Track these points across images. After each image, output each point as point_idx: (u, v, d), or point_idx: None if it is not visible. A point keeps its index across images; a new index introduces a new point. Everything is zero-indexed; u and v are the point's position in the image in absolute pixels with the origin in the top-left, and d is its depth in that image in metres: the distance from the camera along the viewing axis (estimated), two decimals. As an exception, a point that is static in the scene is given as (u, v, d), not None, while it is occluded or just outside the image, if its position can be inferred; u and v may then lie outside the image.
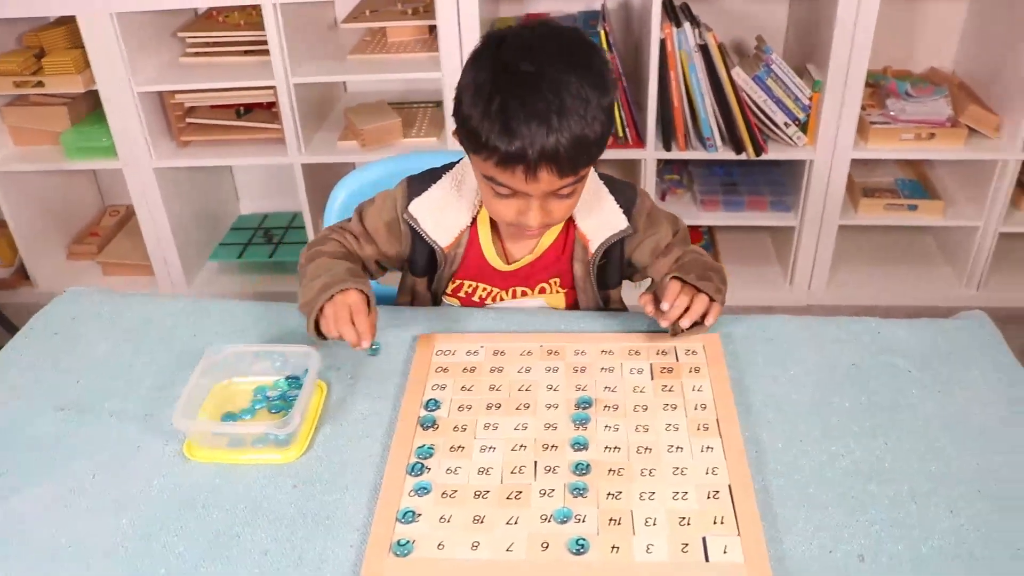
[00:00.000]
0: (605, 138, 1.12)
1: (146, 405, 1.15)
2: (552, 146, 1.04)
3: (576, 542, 0.91)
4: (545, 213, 1.15)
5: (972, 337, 1.22)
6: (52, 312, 1.34)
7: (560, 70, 1.06)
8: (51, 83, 2.48)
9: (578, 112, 1.05)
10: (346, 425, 1.10)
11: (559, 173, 1.08)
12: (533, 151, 1.05)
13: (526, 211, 1.14)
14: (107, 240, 2.93)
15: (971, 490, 0.98)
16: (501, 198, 1.15)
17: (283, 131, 2.47)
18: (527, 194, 1.12)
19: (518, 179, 1.09)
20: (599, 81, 1.08)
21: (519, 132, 1.04)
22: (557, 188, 1.11)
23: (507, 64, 1.07)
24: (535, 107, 1.04)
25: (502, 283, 1.34)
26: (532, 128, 1.04)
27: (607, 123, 1.11)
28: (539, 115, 1.04)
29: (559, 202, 1.15)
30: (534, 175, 1.07)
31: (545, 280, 1.34)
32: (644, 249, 1.32)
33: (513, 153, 1.05)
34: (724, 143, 2.39)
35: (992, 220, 2.45)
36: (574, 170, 1.10)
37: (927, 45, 2.64)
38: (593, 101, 1.07)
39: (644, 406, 1.09)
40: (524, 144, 1.04)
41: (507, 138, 1.05)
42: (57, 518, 0.99)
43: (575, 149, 1.06)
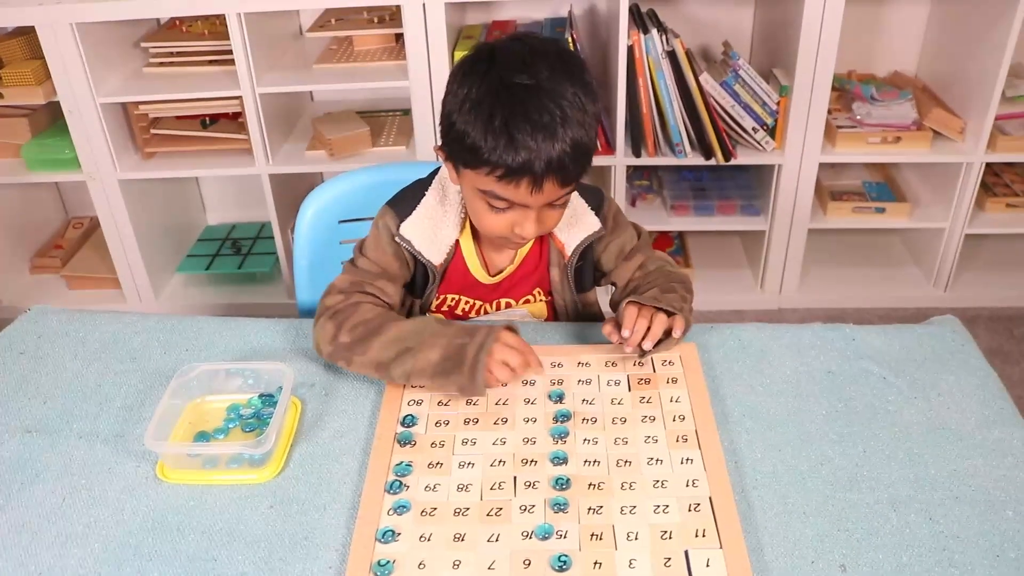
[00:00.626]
0: (596, 144, 1.14)
1: (116, 426, 1.12)
2: (558, 156, 1.05)
3: (558, 559, 0.90)
4: (540, 224, 1.15)
5: (945, 342, 1.23)
6: (17, 331, 1.32)
7: (556, 81, 1.06)
8: (10, 94, 2.43)
9: (577, 120, 1.07)
10: (322, 443, 1.09)
11: (562, 182, 1.09)
12: (540, 163, 1.05)
13: (522, 222, 1.14)
14: (71, 253, 2.88)
15: (949, 496, 0.99)
16: (496, 212, 1.14)
17: (250, 141, 2.45)
18: (525, 206, 1.12)
19: (522, 192, 1.09)
20: (590, 90, 1.10)
21: (525, 145, 1.04)
22: (557, 198, 1.12)
23: (503, 78, 1.06)
24: (539, 120, 1.04)
25: (486, 295, 1.33)
26: (538, 141, 1.04)
27: (597, 130, 1.13)
28: (544, 127, 1.04)
29: (553, 211, 1.16)
30: (539, 187, 1.08)
31: (529, 291, 1.34)
32: (610, 252, 1.33)
33: (520, 166, 1.06)
34: (693, 149, 2.39)
35: (958, 222, 2.47)
36: (577, 178, 1.12)
37: (890, 49, 2.67)
38: (589, 109, 1.08)
39: (623, 418, 1.09)
40: (532, 156, 1.05)
41: (513, 152, 1.05)
42: (25, 546, 0.96)
43: (578, 157, 1.08)
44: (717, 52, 2.58)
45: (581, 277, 1.34)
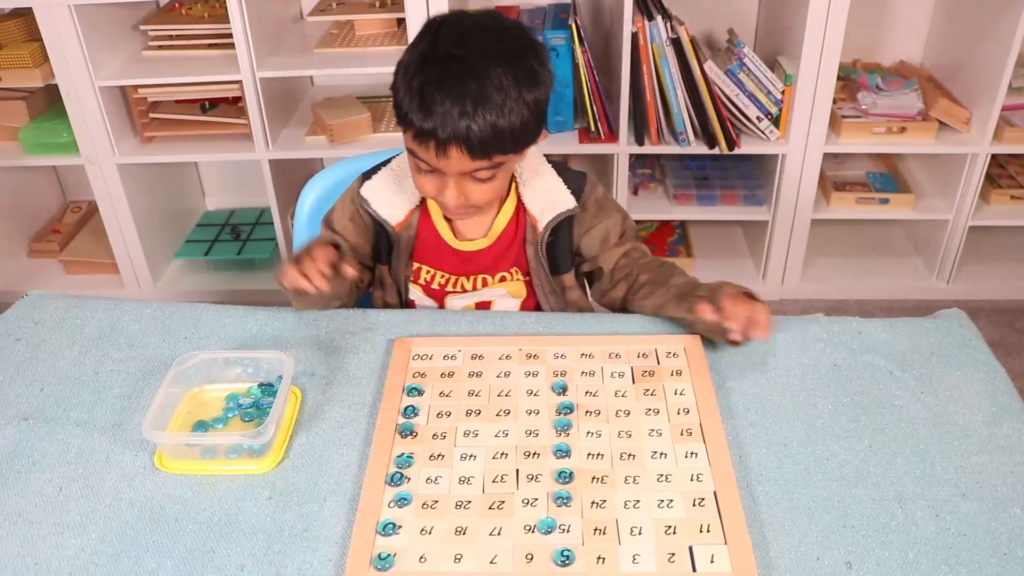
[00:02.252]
0: (528, 131, 1.16)
1: (114, 414, 1.11)
2: (463, 128, 1.09)
3: (561, 553, 0.89)
4: (460, 194, 1.18)
5: (951, 336, 1.22)
6: (14, 317, 1.30)
7: (485, 60, 1.10)
8: (7, 77, 2.41)
9: (495, 100, 1.09)
10: (322, 433, 1.07)
11: (469, 155, 1.12)
12: (444, 130, 1.09)
13: (443, 189, 1.18)
14: (69, 238, 2.86)
15: (956, 493, 0.98)
16: (422, 173, 1.19)
17: (250, 126, 2.43)
18: (442, 172, 1.16)
19: (431, 155, 1.13)
20: (526, 76, 1.12)
21: (433, 110, 1.09)
22: (470, 170, 1.15)
23: (437, 46, 1.12)
24: (452, 89, 1.09)
25: (461, 268, 1.34)
26: (446, 107, 1.09)
27: (531, 118, 1.14)
28: (454, 97, 1.09)
29: (475, 186, 1.18)
30: (444, 153, 1.11)
31: (505, 269, 1.34)
32: (593, 237, 1.34)
33: (426, 129, 1.10)
34: (697, 137, 2.38)
35: (962, 214, 2.46)
36: (485, 155, 1.13)
37: (896, 38, 2.65)
38: (514, 93, 1.11)
39: (626, 411, 1.07)
40: (435, 122, 1.09)
41: (422, 114, 1.10)
42: (21, 535, 0.95)
43: (487, 135, 1.10)
44: (722, 40, 2.56)
45: (554, 256, 1.33)
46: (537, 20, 2.46)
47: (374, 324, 1.25)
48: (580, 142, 2.44)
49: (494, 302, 1.36)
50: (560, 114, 2.45)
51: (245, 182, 2.89)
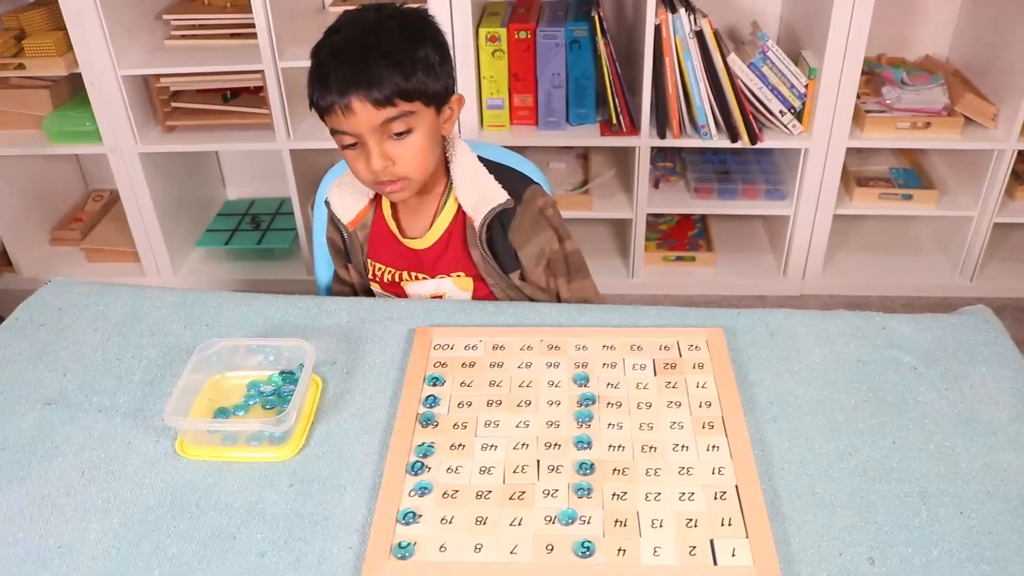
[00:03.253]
0: (429, 80, 1.20)
1: (136, 400, 1.12)
2: (356, 75, 1.15)
3: (582, 544, 0.89)
4: (383, 156, 1.20)
5: (977, 333, 1.21)
6: (37, 303, 1.31)
7: (368, 29, 1.19)
8: (32, 66, 2.43)
9: (385, 51, 1.16)
10: (343, 422, 1.07)
11: (372, 103, 1.15)
12: (341, 86, 1.15)
13: (369, 159, 1.20)
14: (91, 226, 2.87)
15: (981, 490, 0.97)
16: (350, 152, 1.22)
17: (271, 116, 2.43)
18: (360, 135, 1.18)
19: (340, 117, 1.17)
20: (412, 36, 1.20)
21: (329, 76, 1.16)
22: (380, 122, 1.17)
23: (326, 35, 1.21)
24: (343, 51, 1.17)
25: (411, 266, 1.36)
26: (339, 66, 1.16)
27: (426, 72, 1.19)
28: (345, 55, 1.17)
29: (395, 145, 1.20)
30: (349, 108, 1.16)
31: (448, 273, 1.35)
32: (529, 249, 1.33)
33: (326, 92, 1.16)
34: (719, 131, 2.36)
35: (987, 210, 2.43)
36: (388, 100, 1.16)
37: (922, 32, 2.62)
38: (402, 42, 1.18)
39: (648, 403, 1.07)
40: (332, 81, 1.15)
41: (322, 83, 1.17)
42: (45, 519, 0.96)
43: (380, 76, 1.15)
44: (745, 32, 2.54)
45: (497, 254, 1.33)
46: (559, 12, 2.45)
47: (395, 313, 1.25)
48: (601, 134, 2.43)
49: (445, 295, 1.37)
50: (582, 106, 2.44)
51: (266, 172, 2.90)
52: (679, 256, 2.69)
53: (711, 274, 2.67)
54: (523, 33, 2.33)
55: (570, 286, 1.36)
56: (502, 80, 2.40)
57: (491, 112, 2.46)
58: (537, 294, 1.38)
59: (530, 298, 1.37)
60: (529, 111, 2.46)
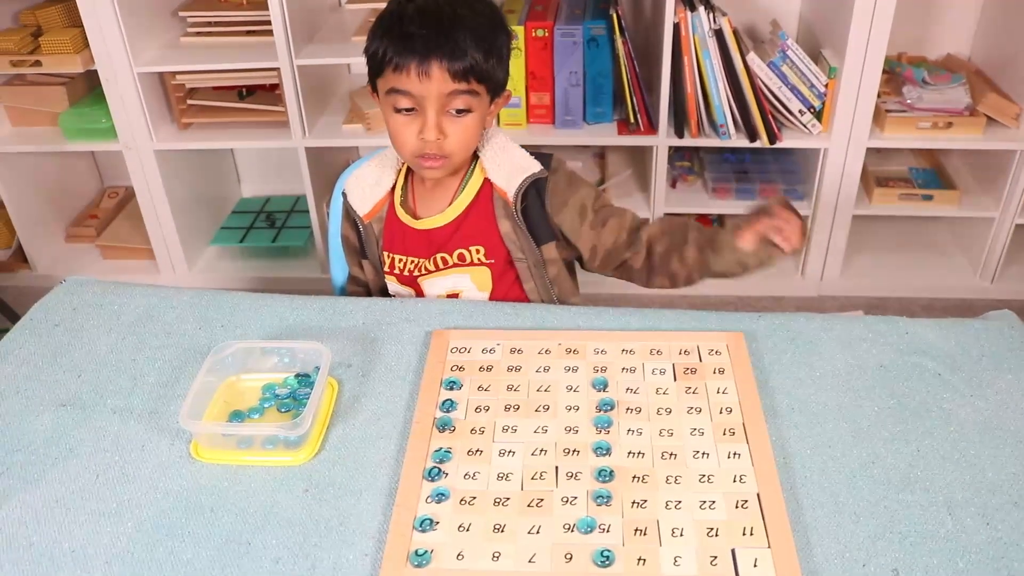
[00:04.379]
0: (499, 69, 1.22)
1: (151, 402, 1.11)
2: (442, 40, 1.15)
3: (601, 553, 0.87)
4: (438, 129, 1.20)
5: (1002, 338, 1.19)
6: (52, 302, 1.30)
7: (462, 4, 1.19)
8: (49, 63, 2.43)
9: (471, 27, 1.17)
10: (358, 426, 1.06)
11: (451, 73, 1.16)
12: (425, 48, 1.15)
13: (423, 128, 1.19)
14: (106, 223, 2.88)
15: (1008, 501, 0.95)
16: (401, 116, 1.21)
17: (287, 114, 2.42)
18: (423, 102, 1.18)
19: (412, 80, 1.16)
20: (495, 21, 1.21)
21: (413, 35, 1.15)
22: (449, 92, 1.17)
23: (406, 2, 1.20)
24: (429, 14, 1.16)
25: (424, 251, 1.34)
26: (427, 27, 1.15)
27: (498, 60, 1.21)
28: (433, 18, 1.16)
29: (451, 121, 1.20)
30: (427, 73, 1.15)
31: (465, 246, 1.32)
32: (571, 208, 1.32)
33: (407, 48, 1.15)
34: (738, 130, 2.34)
35: (1009, 211, 2.40)
36: (465, 76, 1.17)
37: (943, 31, 2.59)
38: (487, 22, 1.19)
39: (668, 409, 1.05)
40: (417, 39, 1.15)
41: (401, 44, 1.16)
42: (58, 522, 0.95)
43: (465, 49, 1.16)
44: (765, 31, 2.52)
45: (531, 227, 1.32)
46: (577, 10, 2.43)
47: (411, 315, 1.24)
48: (619, 133, 2.41)
49: (462, 294, 1.35)
50: (599, 105, 2.43)
51: (281, 170, 2.89)
52: (696, 256, 2.66)
53: (728, 274, 2.64)
54: (540, 31, 2.31)
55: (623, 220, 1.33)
56: (519, 78, 2.38)
57: (508, 110, 2.44)
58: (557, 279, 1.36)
59: (551, 281, 1.35)
60: (546, 109, 2.44)
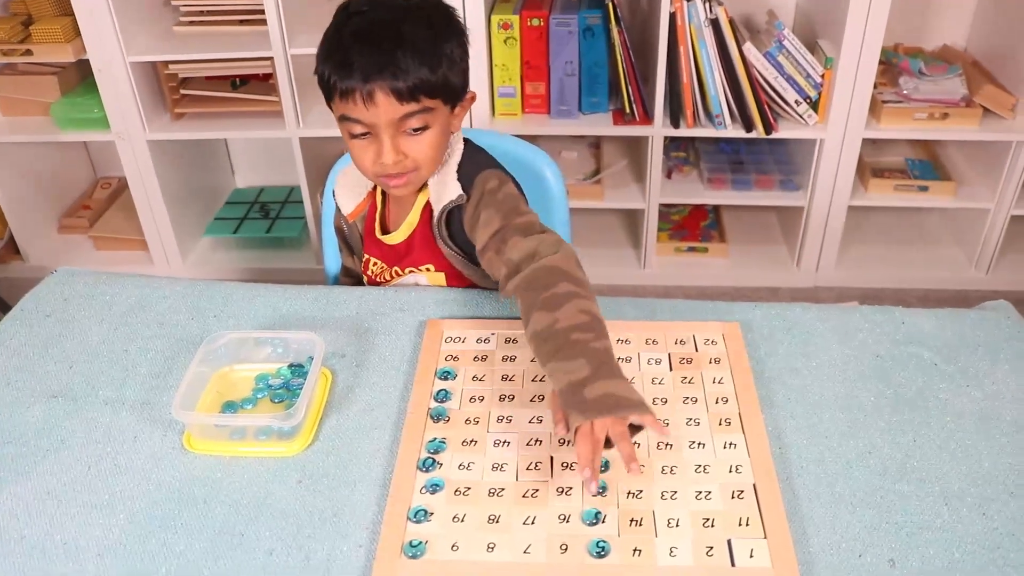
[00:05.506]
0: (452, 77, 1.17)
1: (143, 393, 1.10)
2: (385, 69, 1.10)
3: (597, 544, 0.87)
4: (396, 150, 1.16)
5: (998, 328, 1.18)
6: (43, 293, 1.29)
7: (396, 15, 1.14)
8: (40, 52, 2.41)
9: (412, 43, 1.12)
10: (352, 416, 1.06)
11: (396, 97, 1.12)
12: (366, 76, 1.10)
13: (380, 152, 1.16)
14: (99, 214, 2.86)
15: (1004, 491, 0.95)
16: (357, 141, 1.17)
17: (280, 104, 2.41)
18: (374, 125, 1.14)
19: (359, 108, 1.13)
20: (439, 23, 1.17)
21: (353, 62, 1.11)
22: (400, 116, 1.13)
23: (347, 13, 1.15)
24: (368, 40, 1.11)
25: (391, 259, 1.33)
26: (365, 55, 1.11)
27: (449, 69, 1.16)
28: (372, 45, 1.11)
29: (409, 141, 1.17)
30: (372, 99, 1.11)
31: (415, 265, 1.31)
32: (478, 235, 1.18)
33: (349, 78, 1.11)
34: (734, 121, 2.33)
35: (1004, 202, 2.40)
36: (412, 96, 1.13)
37: (939, 22, 2.58)
38: (429, 36, 1.14)
39: (664, 399, 1.05)
40: (356, 67, 1.10)
41: (343, 71, 1.12)
42: (50, 514, 0.94)
43: (408, 72, 1.11)
44: (761, 21, 2.51)
45: (461, 246, 1.26)
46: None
47: (405, 305, 1.23)
48: (614, 124, 2.40)
49: None
50: (595, 95, 2.42)
51: (275, 160, 2.88)
52: (691, 247, 2.66)
53: (723, 265, 2.64)
54: (536, 20, 2.30)
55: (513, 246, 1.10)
56: (514, 68, 2.37)
57: (503, 100, 2.43)
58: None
59: None
60: (541, 99, 2.43)
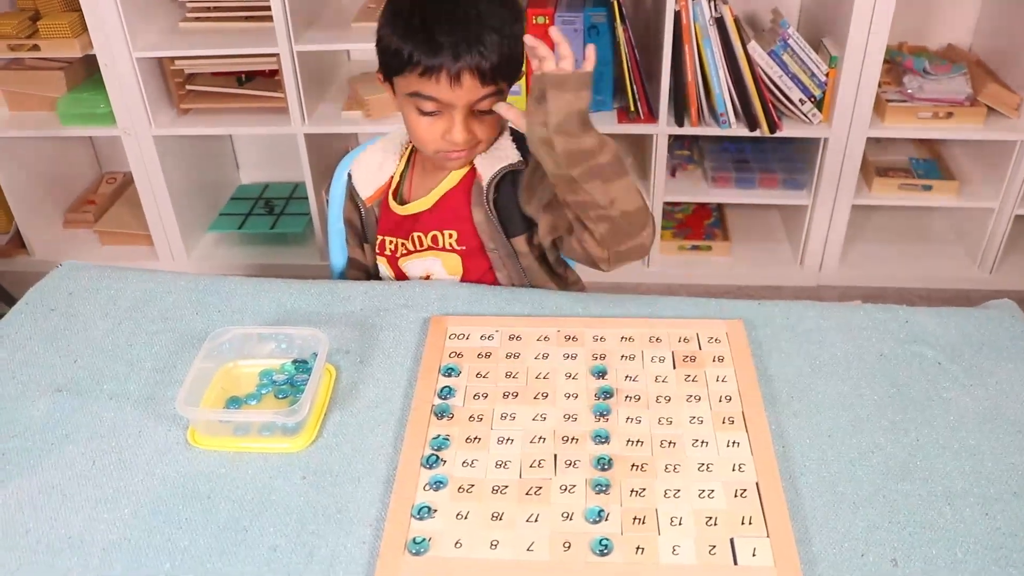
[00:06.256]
0: (520, 62, 1.19)
1: (147, 388, 1.10)
2: (475, 48, 1.11)
3: (600, 542, 0.87)
4: (468, 131, 1.19)
5: (1002, 327, 1.18)
6: (48, 287, 1.30)
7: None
8: (47, 47, 2.41)
9: (495, 21, 1.13)
10: (356, 413, 1.06)
11: (481, 81, 1.13)
12: (456, 58, 1.11)
13: (451, 128, 1.18)
14: (104, 208, 2.87)
15: (1007, 491, 0.95)
16: (425, 118, 1.18)
17: (286, 100, 2.41)
18: (451, 106, 1.16)
19: (443, 87, 1.13)
20: (510, 6, 1.17)
21: (441, 42, 1.11)
22: (479, 98, 1.16)
23: None
24: (454, 14, 1.12)
25: (401, 230, 1.34)
26: (455, 34, 1.11)
27: (520, 49, 1.17)
28: (459, 20, 1.11)
29: (482, 121, 1.20)
30: (458, 82, 1.13)
31: (439, 229, 1.31)
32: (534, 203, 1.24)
33: (437, 58, 1.12)
34: (738, 119, 2.33)
35: (1008, 202, 2.40)
36: (494, 80, 1.15)
37: (944, 21, 2.58)
38: (509, 18, 1.15)
39: (667, 397, 1.05)
40: (447, 48, 1.11)
41: (429, 45, 1.11)
42: (55, 508, 0.94)
43: (494, 59, 1.13)
44: (766, 20, 2.50)
45: (504, 219, 1.28)
46: (578, -3, 2.42)
47: (410, 301, 1.23)
48: (619, 122, 2.40)
49: (432, 277, 1.34)
50: (599, 93, 2.41)
51: (280, 156, 2.88)
52: (695, 245, 2.66)
53: (727, 264, 2.64)
54: (541, 18, 2.30)
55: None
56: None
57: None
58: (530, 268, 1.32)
59: (524, 271, 1.32)
60: (545, 97, 2.42)
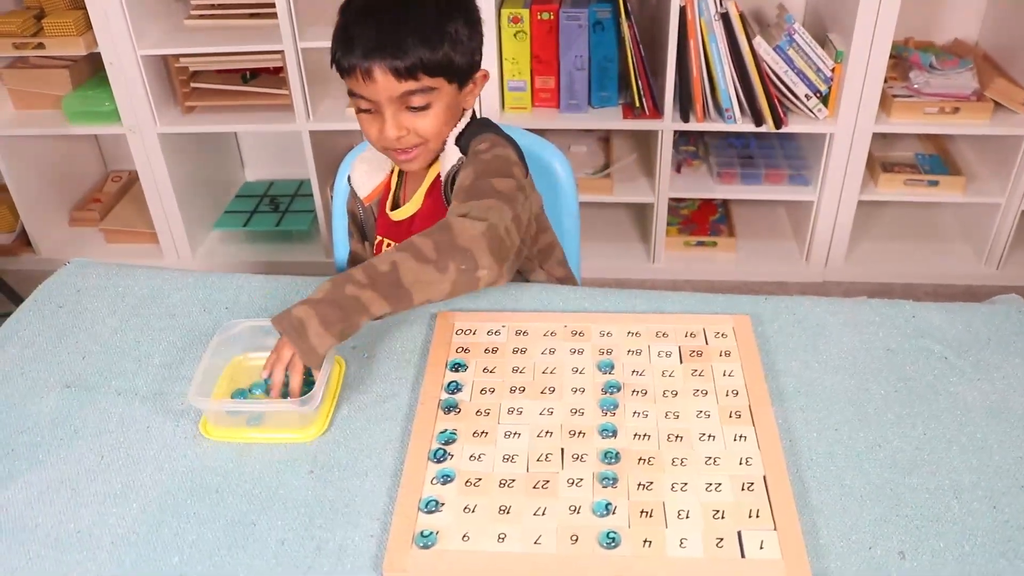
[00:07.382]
0: (456, 56, 1.19)
1: (155, 383, 1.11)
2: (382, 41, 1.13)
3: (607, 535, 0.87)
4: (398, 125, 1.19)
5: (1009, 322, 1.18)
6: (56, 284, 1.30)
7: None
8: (52, 45, 2.42)
9: (414, 21, 1.14)
10: (364, 407, 1.06)
11: (394, 75, 1.14)
12: (365, 52, 1.14)
13: (383, 128, 1.19)
14: (110, 207, 2.87)
15: (1014, 484, 0.95)
16: (364, 115, 1.21)
17: (291, 97, 2.42)
18: (378, 103, 1.17)
19: (360, 83, 1.16)
20: (444, 7, 1.18)
21: (355, 36, 1.15)
22: (399, 94, 1.16)
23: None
24: (371, 15, 1.15)
25: (397, 235, 1.33)
26: (366, 30, 1.14)
27: (453, 48, 1.17)
28: (374, 22, 1.14)
29: (411, 116, 1.19)
30: (369, 76, 1.14)
31: None
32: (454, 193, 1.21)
33: (350, 55, 1.15)
34: (743, 115, 2.33)
35: (1015, 197, 2.39)
36: (410, 74, 1.15)
37: (950, 15, 2.57)
38: (433, 19, 1.16)
39: (674, 391, 1.05)
40: (356, 44, 1.14)
41: (345, 47, 1.15)
42: (63, 503, 0.95)
43: (405, 47, 1.13)
44: (771, 15, 2.50)
45: None
46: (582, -7, 2.42)
47: (416, 298, 1.23)
48: (624, 117, 2.40)
49: None
50: (604, 89, 2.42)
51: (285, 153, 2.89)
52: (700, 241, 2.66)
53: (732, 260, 2.64)
54: (546, 14, 2.30)
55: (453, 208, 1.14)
56: (524, 62, 2.37)
57: (512, 94, 2.43)
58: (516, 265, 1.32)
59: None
60: (551, 93, 2.43)
